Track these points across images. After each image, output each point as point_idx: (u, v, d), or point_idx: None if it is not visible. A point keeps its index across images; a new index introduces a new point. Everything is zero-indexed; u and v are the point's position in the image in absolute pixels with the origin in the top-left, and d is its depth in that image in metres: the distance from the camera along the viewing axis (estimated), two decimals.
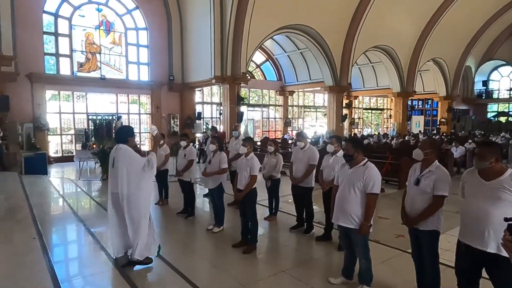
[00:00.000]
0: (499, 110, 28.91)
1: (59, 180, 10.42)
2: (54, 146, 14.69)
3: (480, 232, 2.48)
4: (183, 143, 5.80)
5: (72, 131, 14.87)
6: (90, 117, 14.03)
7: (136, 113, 16.59)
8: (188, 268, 3.92)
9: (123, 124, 12.65)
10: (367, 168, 3.24)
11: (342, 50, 17.82)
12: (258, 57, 21.19)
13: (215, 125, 16.22)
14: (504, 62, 26.98)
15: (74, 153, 13.73)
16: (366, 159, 3.33)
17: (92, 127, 12.11)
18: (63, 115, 14.55)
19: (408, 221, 3.04)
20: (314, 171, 5.13)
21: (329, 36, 17.08)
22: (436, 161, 2.98)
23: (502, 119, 27.99)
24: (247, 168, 4.40)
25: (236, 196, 4.47)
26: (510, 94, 26.93)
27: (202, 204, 7.23)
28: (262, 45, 17.71)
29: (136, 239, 3.77)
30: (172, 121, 16.84)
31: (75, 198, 8.13)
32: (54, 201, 7.72)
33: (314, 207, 5.28)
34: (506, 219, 1.63)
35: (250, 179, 4.35)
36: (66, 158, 13.92)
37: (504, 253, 2.41)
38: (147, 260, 3.93)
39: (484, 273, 2.59)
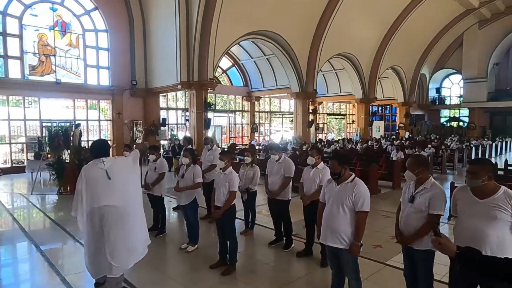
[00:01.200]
0: (451, 116, 30.91)
1: (8, 196, 9.42)
2: (2, 155, 13.43)
3: None
4: (152, 157, 5.41)
5: (23, 139, 13.67)
6: (44, 124, 12.98)
7: (96, 120, 15.64)
8: None
9: (82, 132, 11.83)
10: (355, 184, 3.10)
11: (308, 57, 18.08)
12: (224, 62, 20.95)
13: (187, 135, 15.70)
14: (454, 71, 28.90)
15: (25, 164, 12.61)
16: (353, 175, 3.19)
17: (47, 135, 11.16)
18: (12, 122, 13.34)
19: (402, 240, 2.93)
20: (291, 183, 4.99)
21: (295, 43, 17.25)
22: (431, 177, 2.90)
23: (454, 124, 29.96)
24: (225, 183, 4.13)
25: (214, 214, 4.17)
26: (460, 101, 28.86)
27: (173, 219, 6.82)
28: (228, 51, 17.50)
29: (117, 255, 3.38)
30: (134, 128, 16.07)
31: (27, 216, 7.35)
32: (2, 221, 6.90)
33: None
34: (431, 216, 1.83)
35: (229, 195, 4.08)
36: (16, 169, 12.78)
37: None
38: None
39: None
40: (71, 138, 10.11)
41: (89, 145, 14.15)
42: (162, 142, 16.38)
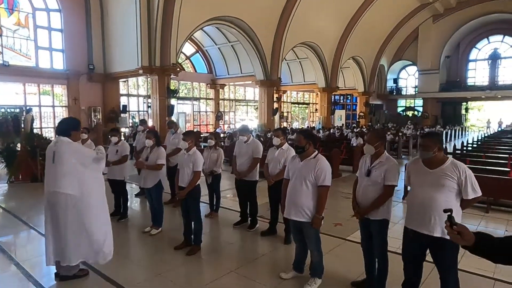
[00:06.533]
0: (407, 105, 32.56)
1: None
2: None
3: (427, 218, 2.60)
4: (114, 139, 5.21)
5: None
6: None
7: (50, 106, 14.72)
8: (127, 279, 3.50)
9: (34, 117, 11.11)
10: (318, 160, 3.21)
11: (272, 45, 18.12)
12: (188, 48, 20.46)
13: (144, 118, 15.20)
14: (410, 62, 30.35)
15: None
16: (317, 152, 3.31)
17: None
18: None
19: (360, 212, 3.07)
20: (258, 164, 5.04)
21: (260, 31, 17.21)
22: (385, 151, 3.06)
23: (409, 113, 31.61)
24: (189, 164, 4.09)
25: (179, 195, 4.13)
26: (415, 91, 30.43)
27: (135, 205, 6.65)
28: (192, 36, 17.10)
29: (68, 244, 3.23)
30: (93, 115, 15.33)
31: None
32: None
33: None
34: (445, 211, 1.65)
35: (194, 175, 4.05)
36: None
37: (448, 237, 2.58)
38: (80, 273, 3.43)
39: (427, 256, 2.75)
40: (22, 124, 9.48)
41: (42, 132, 13.32)
42: (122, 129, 15.78)
